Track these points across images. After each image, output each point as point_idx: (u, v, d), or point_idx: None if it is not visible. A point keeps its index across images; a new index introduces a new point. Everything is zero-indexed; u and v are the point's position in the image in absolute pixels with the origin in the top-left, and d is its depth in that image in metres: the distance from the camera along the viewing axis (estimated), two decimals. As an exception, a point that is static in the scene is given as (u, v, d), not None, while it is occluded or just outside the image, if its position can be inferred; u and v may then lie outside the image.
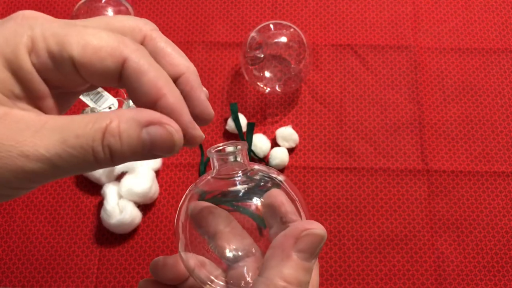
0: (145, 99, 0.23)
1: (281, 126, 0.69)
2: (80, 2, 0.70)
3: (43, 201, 0.67)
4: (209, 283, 0.30)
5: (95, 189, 0.66)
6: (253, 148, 0.66)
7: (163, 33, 0.27)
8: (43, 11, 0.86)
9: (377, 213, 0.65)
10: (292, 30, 0.69)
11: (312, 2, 0.76)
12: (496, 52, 0.72)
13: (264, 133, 0.69)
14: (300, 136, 0.69)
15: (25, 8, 0.76)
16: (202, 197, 0.31)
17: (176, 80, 0.25)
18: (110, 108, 0.71)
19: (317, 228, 0.27)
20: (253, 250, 0.30)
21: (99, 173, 0.64)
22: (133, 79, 0.23)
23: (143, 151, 0.22)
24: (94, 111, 0.69)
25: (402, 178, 0.67)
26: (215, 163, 0.30)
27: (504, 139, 0.68)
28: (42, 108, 0.23)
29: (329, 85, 0.71)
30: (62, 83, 0.23)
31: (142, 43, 0.25)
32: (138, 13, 0.76)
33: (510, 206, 0.65)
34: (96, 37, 0.22)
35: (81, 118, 0.21)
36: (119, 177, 0.64)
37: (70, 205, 0.67)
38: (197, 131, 0.25)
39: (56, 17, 0.24)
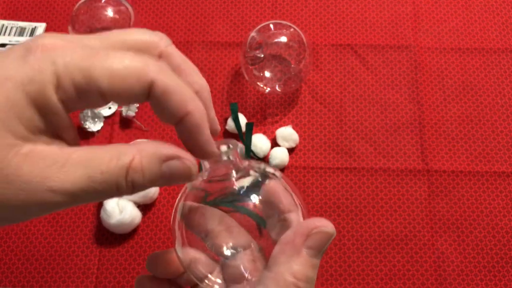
0: (171, 117, 0.24)
1: (281, 126, 0.69)
2: (80, 2, 0.70)
3: (43, 201, 0.67)
4: (206, 281, 0.30)
5: (95, 189, 0.66)
6: (253, 148, 0.66)
7: (163, 33, 0.27)
8: (43, 11, 0.86)
9: (377, 213, 0.65)
10: (292, 30, 0.69)
11: (312, 2, 0.76)
12: (496, 52, 0.72)
13: (264, 133, 0.69)
14: (300, 136, 0.69)
15: (25, 9, 0.76)
16: (204, 199, 0.31)
17: None
18: (110, 108, 0.71)
19: (327, 226, 0.28)
20: (251, 246, 0.30)
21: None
22: (161, 99, 0.24)
23: (162, 182, 0.24)
24: (94, 111, 0.69)
25: (402, 178, 0.67)
26: (206, 164, 0.30)
27: (504, 139, 0.68)
28: (64, 138, 0.24)
29: (329, 85, 0.71)
30: (84, 108, 0.24)
31: (159, 58, 0.26)
32: (138, 13, 0.76)
33: (510, 206, 0.65)
34: (121, 64, 0.23)
35: (104, 152, 0.23)
36: (119, 177, 0.64)
37: (70, 205, 0.67)
38: (214, 148, 0.26)
39: (56, 17, 0.24)
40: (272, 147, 0.67)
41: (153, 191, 0.64)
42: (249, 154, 0.67)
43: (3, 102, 0.21)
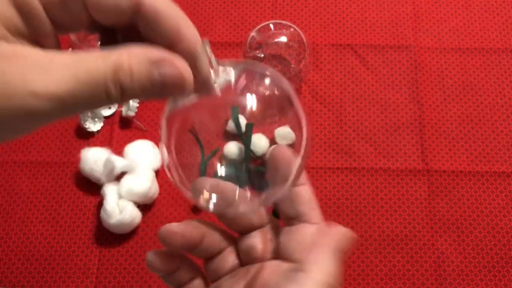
0: (162, 41, 0.22)
1: (280, 126, 0.69)
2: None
3: (43, 201, 0.67)
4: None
5: (95, 189, 0.66)
6: (252, 147, 0.66)
7: None
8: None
9: (377, 213, 0.65)
10: (292, 30, 0.69)
11: (312, 2, 0.76)
12: (496, 52, 0.72)
13: (263, 133, 0.69)
14: (300, 136, 0.69)
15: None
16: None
17: None
18: (109, 107, 0.71)
19: (353, 232, 0.29)
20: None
21: (99, 173, 0.64)
22: (150, 18, 0.22)
23: (153, 90, 0.22)
24: (94, 111, 0.69)
25: (402, 178, 0.67)
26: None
27: (504, 139, 0.68)
28: (45, 46, 0.22)
29: (329, 85, 0.71)
30: (67, 22, 0.22)
31: None
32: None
33: (510, 206, 0.65)
34: None
35: (89, 54, 0.21)
36: (119, 177, 0.64)
37: (70, 205, 0.67)
38: (212, 79, 0.24)
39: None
40: (270, 145, 0.67)
41: (153, 191, 0.64)
42: (249, 154, 0.67)
43: None
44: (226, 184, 0.30)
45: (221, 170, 0.31)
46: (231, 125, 0.33)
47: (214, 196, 0.30)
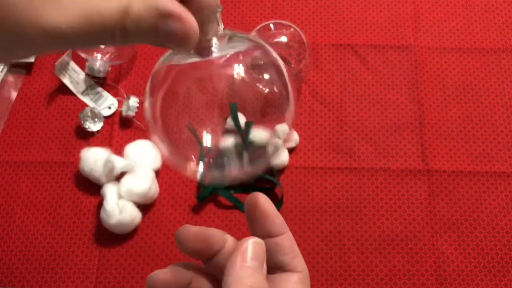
0: None
1: (281, 122, 0.69)
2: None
3: (43, 201, 0.67)
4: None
5: (95, 189, 0.66)
6: (251, 138, 0.66)
7: None
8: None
9: (377, 213, 0.65)
10: (292, 30, 0.69)
11: (312, 2, 0.76)
12: (496, 52, 0.72)
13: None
14: (300, 136, 0.69)
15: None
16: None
17: None
18: (109, 107, 0.71)
19: (256, 238, 0.28)
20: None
21: (99, 173, 0.64)
22: None
23: (155, 39, 0.22)
24: (94, 111, 0.69)
25: (402, 178, 0.67)
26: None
27: (504, 139, 0.68)
28: None
29: (329, 85, 0.71)
30: None
31: None
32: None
33: (510, 206, 0.65)
34: None
35: None
36: (119, 177, 0.64)
37: (70, 205, 0.67)
38: (210, 26, 0.24)
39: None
40: (272, 147, 0.67)
41: (153, 191, 0.64)
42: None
43: None
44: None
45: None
46: (230, 123, 0.33)
47: (200, 164, 0.29)
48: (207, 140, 0.30)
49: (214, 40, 0.25)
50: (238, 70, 0.29)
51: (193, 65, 0.28)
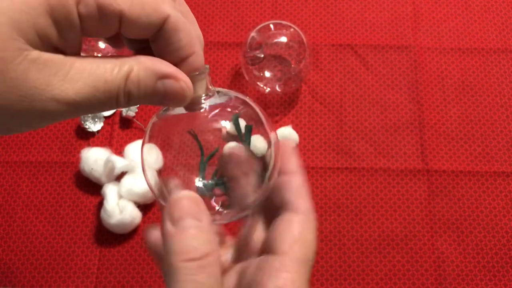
0: (176, 54, 0.25)
1: (281, 126, 0.69)
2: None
3: (43, 201, 0.67)
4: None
5: (95, 189, 0.66)
6: (251, 149, 0.66)
7: None
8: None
9: (377, 213, 0.65)
10: (292, 30, 0.69)
11: (312, 2, 0.76)
12: (496, 52, 0.72)
13: (262, 134, 0.69)
14: (300, 136, 0.69)
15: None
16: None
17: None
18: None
19: (180, 193, 0.29)
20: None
21: (99, 173, 0.64)
22: (171, 34, 0.24)
23: (155, 99, 0.25)
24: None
25: (402, 178, 0.67)
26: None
27: (504, 139, 0.68)
28: (67, 51, 0.24)
29: (329, 85, 0.71)
30: (96, 33, 0.24)
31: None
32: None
33: (510, 206, 0.65)
34: None
35: (106, 62, 0.23)
36: (119, 177, 0.64)
37: (70, 205, 0.67)
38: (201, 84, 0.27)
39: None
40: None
41: (153, 191, 0.64)
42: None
43: (21, 4, 0.21)
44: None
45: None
46: (231, 127, 0.34)
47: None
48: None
49: (203, 96, 0.28)
50: (225, 124, 0.32)
51: (187, 116, 0.30)
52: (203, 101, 0.28)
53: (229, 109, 0.31)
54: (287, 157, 0.31)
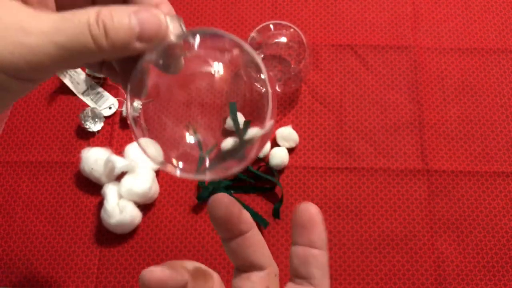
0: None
1: (281, 126, 0.69)
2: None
3: (43, 201, 0.67)
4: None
5: (95, 189, 0.66)
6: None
7: None
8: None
9: (377, 213, 0.65)
10: (292, 30, 0.69)
11: (312, 2, 0.76)
12: (496, 52, 0.73)
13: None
14: (300, 136, 0.69)
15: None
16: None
17: None
18: (110, 108, 0.71)
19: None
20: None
21: (99, 173, 0.64)
22: None
23: (133, 34, 0.24)
24: (94, 112, 0.69)
25: (402, 178, 0.67)
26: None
27: (504, 139, 0.68)
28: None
29: (329, 85, 0.72)
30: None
31: None
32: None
33: (510, 206, 0.65)
34: None
35: (75, 10, 0.23)
36: (119, 177, 0.64)
37: (70, 205, 0.67)
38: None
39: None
40: (272, 147, 0.67)
41: (153, 191, 0.64)
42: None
43: None
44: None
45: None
46: (229, 122, 0.33)
47: (180, 163, 0.29)
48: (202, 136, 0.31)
49: (181, 37, 0.27)
50: (217, 68, 0.30)
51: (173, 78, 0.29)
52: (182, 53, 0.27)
53: (216, 51, 0.30)
54: (315, 226, 0.29)
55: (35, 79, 0.24)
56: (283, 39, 0.69)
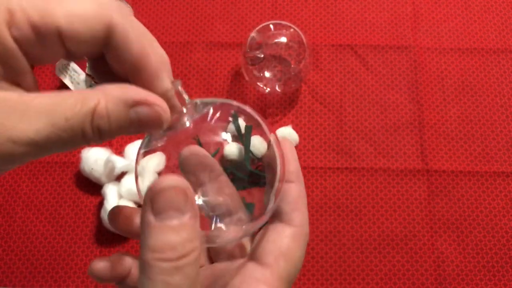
0: (130, 60, 0.23)
1: (281, 126, 0.69)
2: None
3: (43, 201, 0.67)
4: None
5: (95, 189, 0.66)
6: (251, 149, 0.66)
7: (162, 33, 0.27)
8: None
9: (377, 213, 0.65)
10: (292, 30, 0.69)
11: (312, 2, 0.76)
12: (496, 52, 0.73)
13: (261, 134, 0.69)
14: (300, 136, 0.69)
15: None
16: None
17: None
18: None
19: (167, 180, 0.24)
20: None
21: (99, 173, 0.64)
22: (120, 41, 0.22)
23: (131, 129, 0.23)
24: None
25: (402, 178, 0.67)
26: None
27: (504, 139, 0.68)
28: (22, 85, 0.22)
29: (329, 85, 0.72)
30: (42, 56, 0.22)
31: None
32: (138, 13, 0.76)
33: (510, 206, 0.65)
34: (79, 4, 0.22)
35: (67, 98, 0.21)
36: (119, 177, 0.64)
37: (70, 205, 0.67)
38: (176, 101, 0.25)
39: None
40: (272, 147, 0.67)
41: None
42: (249, 154, 0.67)
43: None
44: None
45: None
46: (231, 127, 0.33)
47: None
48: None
49: (184, 110, 0.26)
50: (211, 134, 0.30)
51: (173, 139, 0.29)
52: (185, 118, 0.26)
53: (214, 120, 0.29)
54: (285, 161, 0.29)
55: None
56: (283, 39, 0.69)
